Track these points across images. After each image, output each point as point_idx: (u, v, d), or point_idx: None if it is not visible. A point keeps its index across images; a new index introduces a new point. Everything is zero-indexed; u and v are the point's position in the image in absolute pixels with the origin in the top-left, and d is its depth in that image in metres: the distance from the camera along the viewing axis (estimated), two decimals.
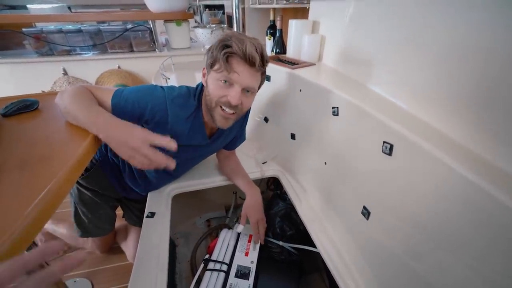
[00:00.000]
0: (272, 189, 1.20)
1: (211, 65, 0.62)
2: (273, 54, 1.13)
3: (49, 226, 1.10)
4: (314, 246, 0.72)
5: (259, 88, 0.69)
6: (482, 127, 0.43)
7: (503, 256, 0.34)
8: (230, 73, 0.60)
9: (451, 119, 0.48)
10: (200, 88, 0.71)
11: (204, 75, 0.67)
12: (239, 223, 0.85)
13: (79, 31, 1.62)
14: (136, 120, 0.64)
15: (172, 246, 1.03)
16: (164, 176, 0.83)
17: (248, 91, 0.64)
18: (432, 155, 0.42)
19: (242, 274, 0.73)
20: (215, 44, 0.62)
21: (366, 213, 0.59)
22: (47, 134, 0.57)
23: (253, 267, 0.75)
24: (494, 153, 0.41)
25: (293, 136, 0.91)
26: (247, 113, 0.85)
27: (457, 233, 0.39)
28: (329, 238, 0.71)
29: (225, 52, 0.58)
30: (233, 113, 0.65)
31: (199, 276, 0.73)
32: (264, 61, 0.62)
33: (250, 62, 0.59)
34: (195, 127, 0.71)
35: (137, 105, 0.62)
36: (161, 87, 0.67)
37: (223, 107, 0.64)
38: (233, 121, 0.68)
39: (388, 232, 0.54)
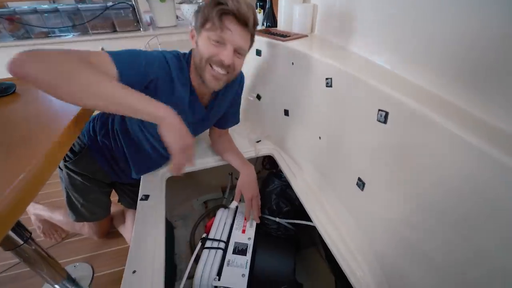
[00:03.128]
0: (268, 168, 1.20)
1: (203, 24, 0.60)
2: (264, 27, 1.07)
3: (45, 213, 1.09)
4: (310, 221, 0.72)
5: (248, 50, 0.67)
6: (480, 90, 0.41)
7: (490, 220, 0.34)
8: (224, 31, 0.58)
9: (449, 83, 0.46)
10: (189, 54, 0.68)
11: (192, 37, 0.65)
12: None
13: (56, 10, 1.51)
14: (143, 86, 0.60)
15: (170, 228, 1.03)
16: (161, 155, 0.81)
17: (239, 53, 0.63)
18: (429, 120, 0.41)
19: (240, 250, 0.74)
20: (207, 3, 0.59)
21: (361, 184, 0.59)
22: (26, 117, 0.54)
23: (250, 243, 0.76)
24: (494, 115, 0.39)
25: (286, 113, 0.89)
26: (242, 83, 0.83)
27: (454, 202, 0.39)
28: (325, 211, 0.72)
29: (219, 9, 0.56)
30: (226, 73, 0.63)
31: (197, 254, 0.74)
32: (255, 22, 0.61)
33: (243, 21, 0.58)
34: (191, 100, 0.69)
35: (142, 70, 0.57)
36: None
37: (213, 67, 0.62)
38: (224, 82, 0.66)
39: (383, 203, 0.54)
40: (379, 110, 0.50)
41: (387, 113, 0.48)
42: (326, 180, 0.75)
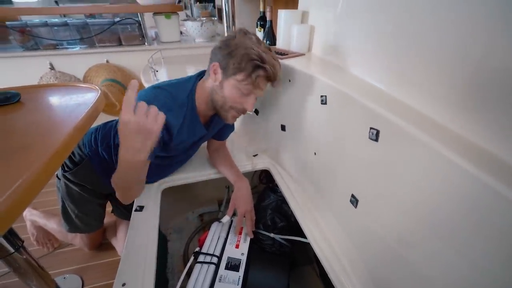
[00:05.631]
0: (264, 183, 1.20)
1: (234, 73, 0.63)
2: None
3: (41, 220, 1.08)
4: (306, 237, 0.72)
5: None
6: (469, 111, 0.42)
7: (488, 239, 0.33)
8: (256, 89, 0.66)
9: (438, 105, 0.48)
10: (195, 79, 0.70)
11: (215, 72, 0.66)
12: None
13: (65, 24, 1.57)
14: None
15: (163, 240, 1.02)
16: (160, 168, 0.82)
17: None
18: (418, 139, 0.42)
19: (233, 266, 0.72)
20: (242, 55, 0.62)
21: (354, 201, 0.59)
22: (27, 126, 0.55)
23: (244, 259, 0.75)
24: (482, 137, 0.40)
25: (283, 128, 0.91)
26: None
27: (445, 219, 0.39)
28: (319, 228, 0.71)
29: (258, 74, 0.63)
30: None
31: (190, 268, 0.73)
32: None
33: (273, 81, 0.67)
34: (192, 123, 0.71)
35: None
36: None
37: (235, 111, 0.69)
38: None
39: (377, 220, 0.54)
40: (371, 128, 0.51)
41: (378, 131, 0.49)
42: (321, 196, 0.75)
